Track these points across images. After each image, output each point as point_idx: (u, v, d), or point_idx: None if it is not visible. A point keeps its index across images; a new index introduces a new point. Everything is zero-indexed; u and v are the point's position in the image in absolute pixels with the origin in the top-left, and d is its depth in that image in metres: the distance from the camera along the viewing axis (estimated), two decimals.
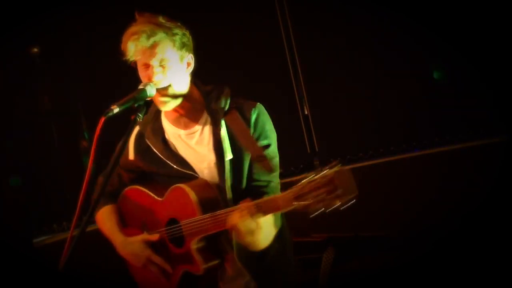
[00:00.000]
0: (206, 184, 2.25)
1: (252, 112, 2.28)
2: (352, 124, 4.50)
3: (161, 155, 2.34)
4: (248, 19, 4.52)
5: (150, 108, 2.39)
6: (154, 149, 2.36)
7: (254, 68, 4.51)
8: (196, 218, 2.18)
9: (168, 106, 2.25)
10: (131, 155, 2.45)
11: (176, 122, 2.35)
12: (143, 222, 2.41)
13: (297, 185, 1.95)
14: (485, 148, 3.94)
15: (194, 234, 2.21)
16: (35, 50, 4.45)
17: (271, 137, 2.30)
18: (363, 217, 4.06)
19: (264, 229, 2.08)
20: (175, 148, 2.35)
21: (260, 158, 2.20)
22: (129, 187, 2.47)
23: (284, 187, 2.40)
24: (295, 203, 1.95)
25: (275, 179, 2.32)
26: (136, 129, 2.43)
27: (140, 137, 2.42)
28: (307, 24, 4.51)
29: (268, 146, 2.28)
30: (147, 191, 2.39)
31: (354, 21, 4.41)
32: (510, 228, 3.53)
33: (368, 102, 4.47)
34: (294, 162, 4.49)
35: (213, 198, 2.21)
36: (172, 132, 2.36)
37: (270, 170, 2.22)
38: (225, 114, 2.27)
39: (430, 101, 4.38)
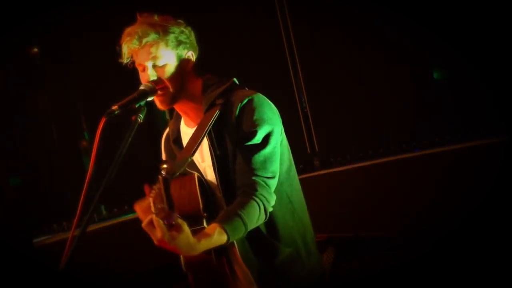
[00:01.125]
0: (188, 179, 2.14)
1: (239, 105, 2.14)
2: (352, 124, 4.51)
3: (176, 155, 2.33)
4: (248, 19, 4.53)
5: (173, 112, 2.38)
6: (173, 150, 2.36)
7: (254, 68, 4.51)
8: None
9: (166, 105, 2.21)
10: (163, 156, 2.45)
11: (188, 122, 2.33)
12: None
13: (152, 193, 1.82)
14: (485, 148, 3.94)
15: None
16: (35, 50, 4.45)
17: (257, 128, 2.12)
18: (363, 217, 4.08)
19: (183, 234, 1.85)
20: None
21: (181, 158, 2.08)
22: None
23: None
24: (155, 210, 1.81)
25: (263, 173, 2.12)
26: (166, 131, 2.44)
27: (168, 139, 2.41)
28: (307, 24, 4.52)
29: (251, 137, 2.13)
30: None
31: (354, 20, 4.41)
32: (510, 228, 3.53)
33: (368, 102, 4.47)
34: (294, 162, 4.48)
35: (187, 194, 2.09)
36: (186, 133, 2.34)
37: None
38: (208, 109, 2.19)
39: (430, 101, 4.39)
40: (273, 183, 2.16)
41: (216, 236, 1.96)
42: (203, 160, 2.28)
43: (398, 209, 4.03)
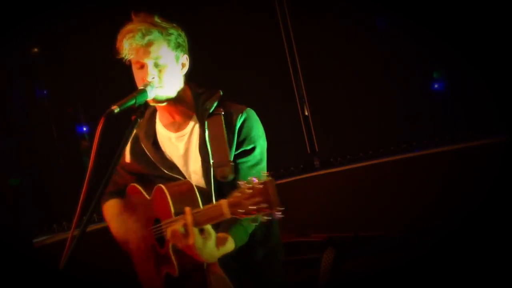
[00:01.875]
0: (185, 185, 2.19)
1: (239, 118, 2.23)
2: (352, 124, 4.50)
3: (153, 158, 2.33)
4: (248, 19, 4.53)
5: (145, 111, 2.38)
6: (147, 153, 2.36)
7: (254, 68, 4.51)
8: (171, 219, 2.13)
9: (158, 102, 2.23)
10: (127, 158, 2.45)
11: (168, 125, 2.34)
12: (138, 220, 2.40)
13: (233, 193, 1.90)
14: (485, 148, 3.94)
15: None
16: (35, 50, 4.45)
17: (256, 144, 2.25)
18: (363, 217, 4.08)
19: (211, 241, 1.99)
20: (166, 151, 2.33)
21: (222, 163, 2.17)
22: (130, 184, 2.46)
23: (285, 187, 2.41)
24: (231, 212, 1.90)
25: None
26: (134, 131, 2.45)
27: (136, 140, 2.41)
28: (307, 24, 4.51)
29: (251, 150, 2.24)
30: (141, 189, 2.37)
31: (354, 21, 4.41)
32: (510, 228, 3.53)
33: (368, 102, 4.47)
34: (294, 162, 4.50)
35: (189, 200, 2.13)
36: (164, 135, 2.35)
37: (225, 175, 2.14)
38: (209, 116, 2.24)
39: (430, 101, 4.39)
40: None
41: (228, 244, 2.08)
42: (188, 165, 2.28)
43: (398, 209, 4.03)
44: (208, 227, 1.98)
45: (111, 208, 2.50)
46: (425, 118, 4.35)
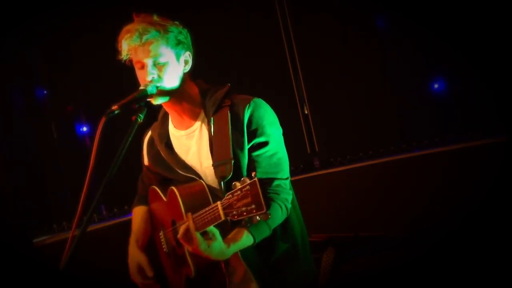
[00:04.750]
0: (197, 187, 2.19)
1: (246, 109, 2.18)
2: (352, 124, 4.51)
3: (167, 159, 2.33)
4: (248, 19, 4.53)
5: (159, 113, 2.39)
6: (162, 154, 2.35)
7: (254, 68, 4.51)
8: (183, 221, 2.12)
9: (159, 100, 2.21)
10: (146, 161, 2.47)
11: (178, 124, 2.33)
12: (160, 223, 2.42)
13: (227, 195, 1.91)
14: (485, 148, 3.94)
15: None
16: (35, 50, 4.45)
17: (269, 133, 2.19)
18: (363, 217, 4.08)
19: (216, 242, 1.99)
20: (178, 152, 2.32)
21: (222, 162, 2.13)
22: (150, 188, 2.47)
23: None
24: (225, 214, 1.91)
25: (282, 176, 2.20)
26: (149, 134, 2.45)
27: (151, 143, 2.42)
28: (307, 24, 4.52)
29: (265, 143, 2.19)
30: (159, 191, 2.38)
31: (354, 21, 4.41)
32: (510, 228, 3.53)
33: (368, 102, 4.47)
34: (294, 162, 4.48)
35: (200, 201, 2.13)
36: (176, 135, 2.34)
37: (223, 176, 2.11)
38: (216, 111, 2.21)
39: (430, 101, 4.39)
40: (289, 182, 2.25)
41: (244, 239, 2.07)
42: (201, 162, 2.26)
43: (398, 209, 4.03)
44: (211, 228, 1.97)
45: (134, 218, 2.52)
46: (425, 118, 4.35)
